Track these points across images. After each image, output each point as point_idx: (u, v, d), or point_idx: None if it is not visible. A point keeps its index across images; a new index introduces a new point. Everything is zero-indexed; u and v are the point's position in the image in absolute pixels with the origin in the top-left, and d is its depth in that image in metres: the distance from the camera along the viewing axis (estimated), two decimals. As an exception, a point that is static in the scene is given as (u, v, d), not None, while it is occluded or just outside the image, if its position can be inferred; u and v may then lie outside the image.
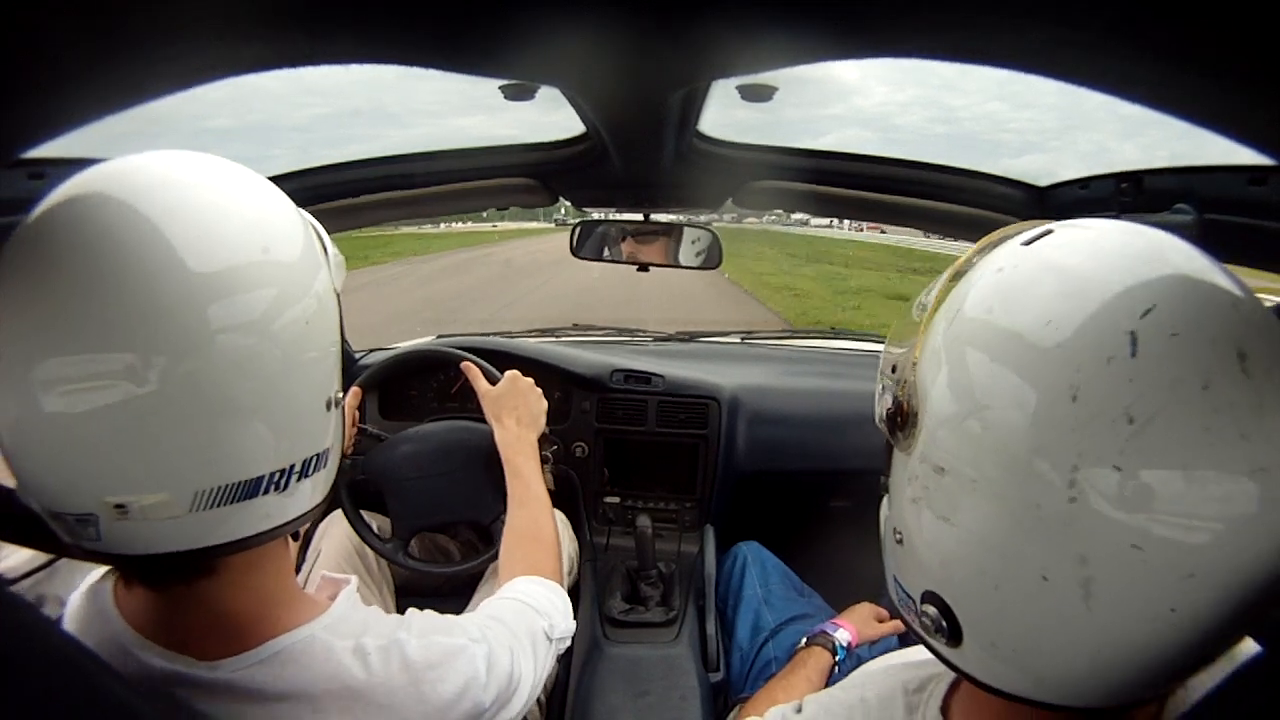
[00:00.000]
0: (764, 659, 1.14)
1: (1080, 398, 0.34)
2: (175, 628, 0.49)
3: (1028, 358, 0.36)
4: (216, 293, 0.43)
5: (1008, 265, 0.40)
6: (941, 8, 0.37)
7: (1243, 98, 0.36)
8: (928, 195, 1.04)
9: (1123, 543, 0.33)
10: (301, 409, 0.48)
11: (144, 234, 0.42)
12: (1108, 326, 0.34)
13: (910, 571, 0.44)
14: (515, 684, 0.63)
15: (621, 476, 1.57)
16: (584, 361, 1.57)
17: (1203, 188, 0.67)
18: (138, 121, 0.43)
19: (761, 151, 1.02)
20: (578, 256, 1.39)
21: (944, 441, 0.39)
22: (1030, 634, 0.37)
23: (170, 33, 0.36)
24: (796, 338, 1.97)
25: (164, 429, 0.42)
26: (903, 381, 0.43)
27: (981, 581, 0.38)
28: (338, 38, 0.43)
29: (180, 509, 0.43)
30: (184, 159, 0.47)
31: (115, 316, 0.40)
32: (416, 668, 0.54)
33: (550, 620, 0.74)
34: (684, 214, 1.44)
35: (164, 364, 0.41)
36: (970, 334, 0.39)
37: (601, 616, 1.25)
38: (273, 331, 0.45)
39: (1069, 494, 0.34)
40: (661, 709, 1.05)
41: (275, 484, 0.47)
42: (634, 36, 0.47)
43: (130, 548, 0.44)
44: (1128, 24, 0.33)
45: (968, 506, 0.38)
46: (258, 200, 0.48)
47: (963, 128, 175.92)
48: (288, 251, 0.47)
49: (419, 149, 1.09)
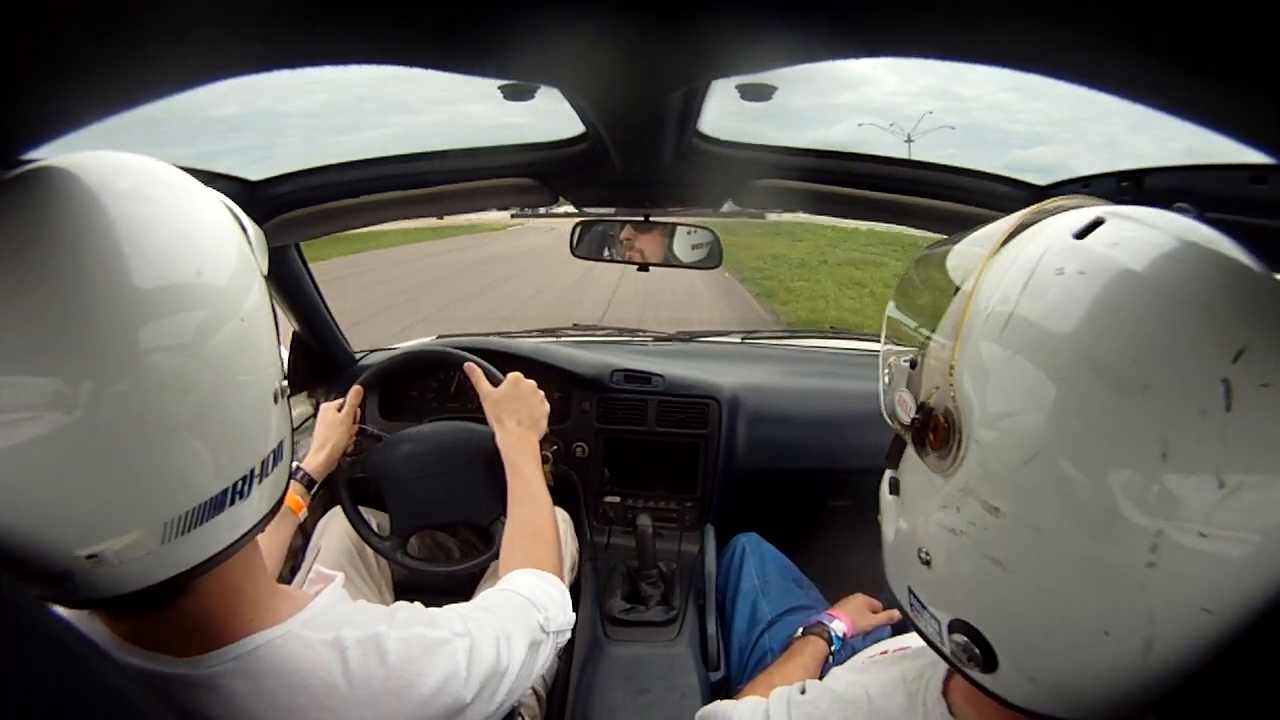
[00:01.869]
0: (760, 650, 1.14)
1: (1171, 455, 0.31)
2: (153, 634, 0.49)
3: (1111, 401, 0.32)
4: (150, 312, 0.40)
5: (1069, 268, 0.35)
6: (941, 8, 0.37)
7: (1243, 97, 0.36)
8: (927, 194, 1.04)
9: (1194, 605, 0.32)
10: (246, 416, 0.47)
11: (80, 244, 0.39)
12: (1200, 371, 0.31)
13: (938, 596, 0.41)
14: (502, 674, 0.62)
15: (622, 476, 1.57)
16: (584, 361, 1.57)
17: (1203, 186, 0.67)
18: (143, 109, 0.42)
19: (761, 151, 1.02)
20: (577, 256, 1.39)
21: (1003, 481, 0.35)
22: (1078, 674, 0.35)
23: (169, 34, 0.36)
24: (796, 337, 1.97)
25: (113, 466, 0.40)
26: (931, 386, 0.40)
27: (1033, 627, 0.36)
28: (337, 38, 0.43)
29: (153, 543, 0.42)
30: (126, 165, 0.45)
31: (42, 335, 0.37)
32: (394, 662, 0.53)
33: (546, 613, 0.73)
34: (685, 213, 1.44)
35: (91, 388, 0.38)
36: (1033, 356, 0.35)
37: (602, 615, 1.26)
38: (204, 353, 0.43)
39: (1149, 558, 0.31)
40: (662, 708, 1.05)
41: (239, 492, 0.46)
42: (633, 37, 0.47)
43: (110, 591, 0.43)
44: (1128, 24, 0.33)
45: (1029, 555, 0.35)
46: (196, 217, 0.46)
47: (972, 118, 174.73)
48: (220, 273, 0.45)
49: (426, 138, 1.09)
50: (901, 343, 0.46)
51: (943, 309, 0.42)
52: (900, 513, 0.44)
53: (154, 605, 0.47)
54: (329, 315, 1.51)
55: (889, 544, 0.46)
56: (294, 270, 1.37)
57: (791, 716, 0.55)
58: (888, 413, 0.45)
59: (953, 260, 0.45)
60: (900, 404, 0.42)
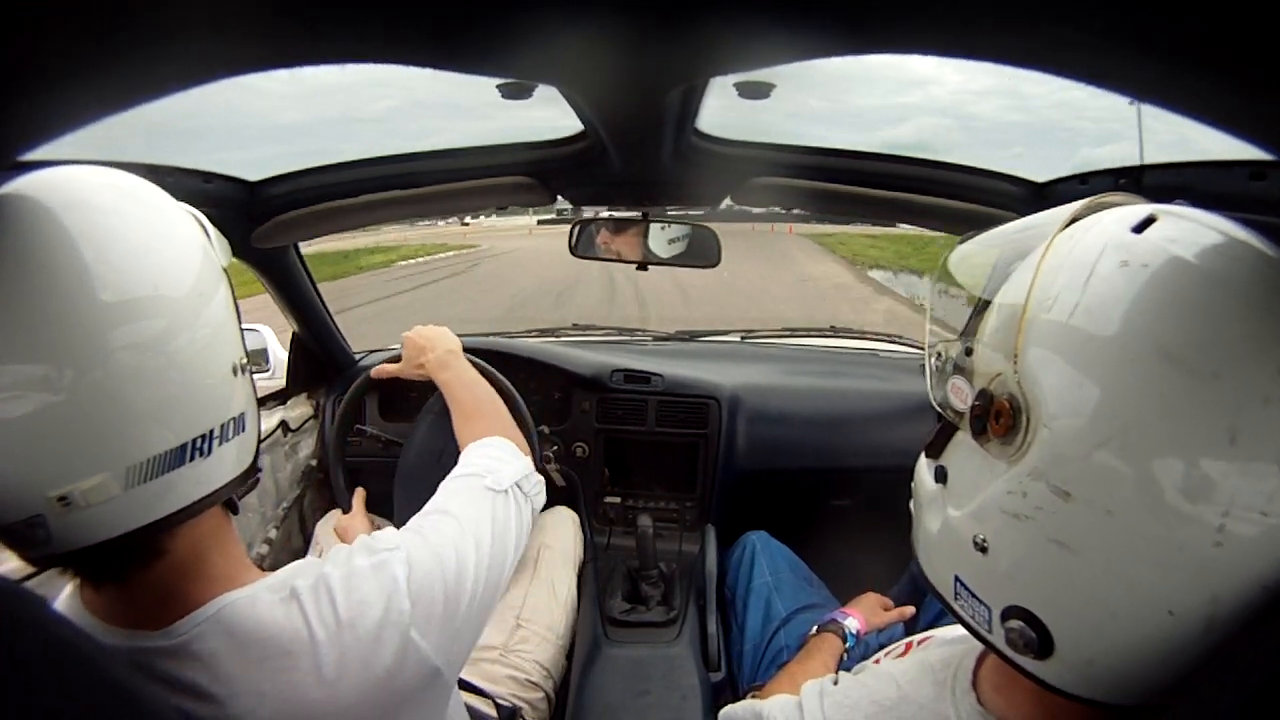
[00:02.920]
0: (775, 647, 1.15)
1: (1239, 440, 0.32)
2: (132, 606, 0.52)
3: (1185, 386, 0.33)
4: (117, 318, 0.46)
5: (1133, 260, 0.37)
6: (941, 5, 0.37)
7: (1242, 94, 0.36)
8: (926, 191, 1.04)
9: (1256, 584, 0.33)
10: (204, 385, 0.52)
11: (59, 256, 0.45)
12: (1264, 361, 0.33)
13: (992, 583, 0.41)
14: (459, 564, 0.62)
15: (622, 476, 1.57)
16: (584, 361, 1.56)
17: (1202, 183, 0.67)
18: (206, 117, 0.43)
19: (761, 149, 1.02)
20: (576, 255, 1.39)
21: (1074, 465, 0.36)
22: (1137, 655, 0.36)
23: (168, 33, 0.36)
24: (796, 336, 1.96)
25: (82, 422, 0.45)
26: (991, 373, 0.40)
27: (1097, 610, 0.37)
28: (335, 37, 0.43)
29: (117, 488, 0.46)
30: (101, 182, 0.50)
31: (38, 334, 0.44)
32: (341, 599, 0.55)
33: (493, 475, 0.73)
34: (685, 212, 1.43)
35: (72, 375, 0.44)
36: (1106, 345, 0.36)
37: (602, 616, 1.26)
38: (167, 349, 0.49)
39: (1216, 538, 0.33)
40: (662, 708, 1.05)
41: (199, 450, 0.51)
42: (631, 35, 0.47)
43: (81, 540, 0.46)
44: (1128, 22, 0.33)
45: (1097, 538, 0.36)
46: (160, 231, 0.51)
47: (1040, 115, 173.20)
48: (174, 286, 0.51)
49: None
50: (949, 331, 0.46)
51: (992, 297, 0.43)
52: (948, 501, 0.45)
53: (131, 568, 0.50)
54: (328, 316, 1.51)
55: (931, 534, 0.46)
56: (293, 271, 1.36)
57: (824, 706, 0.55)
58: (938, 401, 0.45)
59: (1000, 250, 0.46)
60: (955, 391, 0.43)
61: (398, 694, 0.56)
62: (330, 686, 0.52)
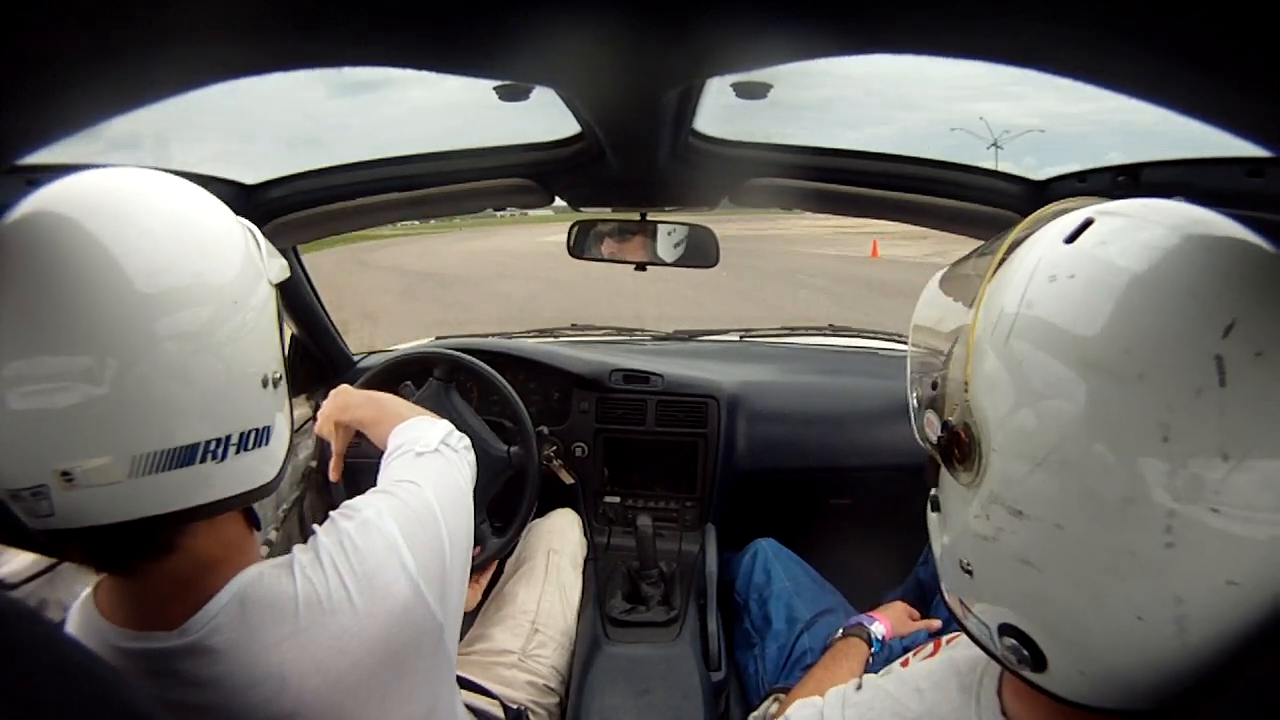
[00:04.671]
0: (800, 648, 1.15)
1: (1172, 437, 0.32)
2: (144, 606, 0.52)
3: (1109, 394, 0.33)
4: (158, 311, 0.47)
5: (1060, 273, 0.36)
6: (937, 4, 0.37)
7: (1240, 91, 0.36)
8: (924, 191, 1.04)
9: (1218, 580, 0.32)
10: (235, 385, 0.51)
11: (95, 255, 0.46)
12: (1191, 352, 0.32)
13: (983, 603, 0.42)
14: (432, 517, 0.63)
15: (621, 476, 1.57)
16: (583, 361, 1.56)
17: (1200, 180, 0.67)
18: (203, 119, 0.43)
19: (758, 149, 1.02)
20: (575, 256, 1.39)
21: (1021, 484, 0.36)
22: (1124, 663, 0.36)
23: (166, 36, 0.36)
24: (795, 335, 1.96)
25: (96, 398, 0.45)
26: (952, 404, 0.41)
27: (1070, 621, 0.37)
28: (332, 39, 0.43)
29: (120, 473, 0.46)
30: (139, 180, 0.51)
31: (73, 326, 0.45)
32: (344, 562, 0.55)
33: (420, 442, 0.73)
34: (682, 212, 1.43)
35: (117, 366, 0.45)
36: (1036, 363, 0.36)
37: (603, 616, 1.26)
38: (214, 342, 0.49)
39: (1166, 539, 0.32)
40: (663, 708, 1.05)
41: (212, 453, 0.49)
42: (628, 36, 0.47)
43: (83, 518, 0.46)
44: (1124, 19, 0.33)
45: (1055, 552, 0.36)
46: (199, 226, 0.52)
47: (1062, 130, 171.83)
48: (222, 273, 0.51)
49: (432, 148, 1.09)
50: (925, 365, 0.47)
51: (957, 328, 0.43)
52: (943, 528, 0.46)
53: (138, 560, 0.50)
54: (327, 318, 1.51)
55: (938, 559, 0.47)
56: (291, 273, 1.36)
57: (845, 715, 0.55)
58: (919, 436, 0.46)
59: (962, 280, 0.46)
60: (929, 425, 0.43)
61: (411, 654, 0.56)
62: (348, 653, 0.53)
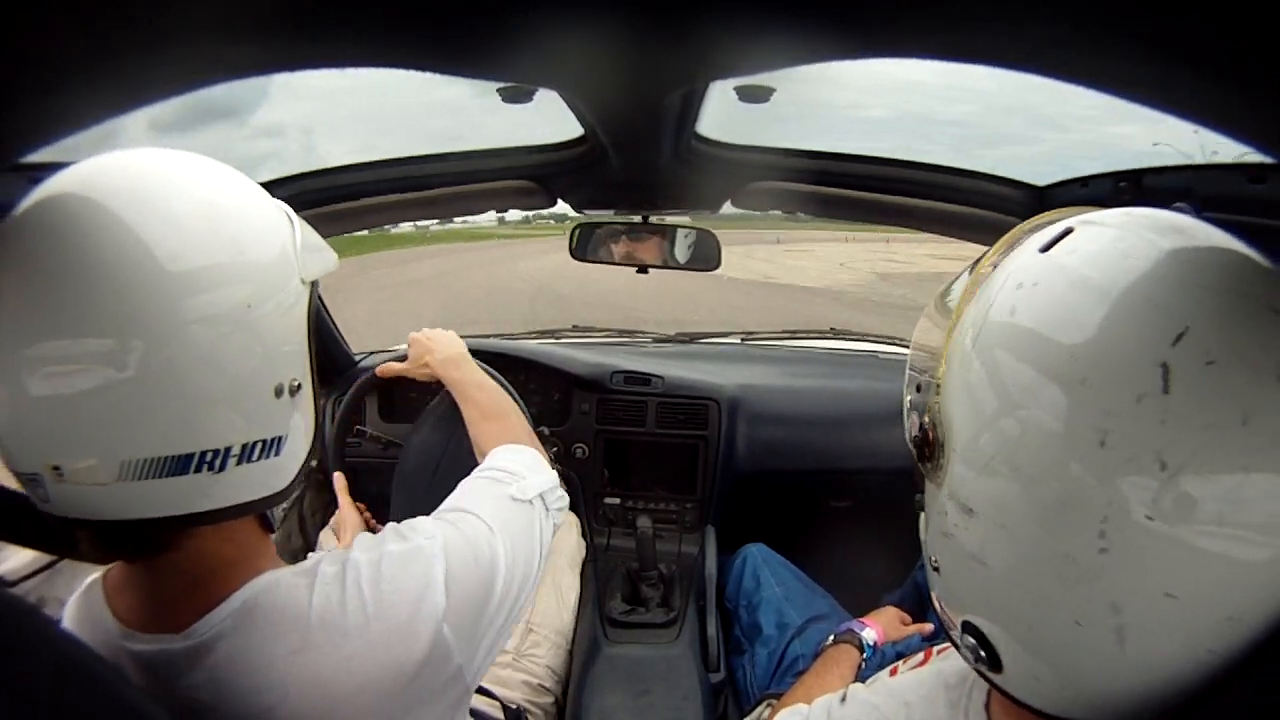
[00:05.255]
0: (791, 655, 1.15)
1: (1109, 442, 0.31)
2: (150, 605, 0.50)
3: (1051, 397, 0.33)
4: (188, 289, 0.45)
5: (1026, 280, 0.37)
6: (939, 7, 0.37)
7: (1241, 96, 0.36)
8: (927, 195, 1.04)
9: (1155, 591, 0.32)
10: (240, 394, 0.48)
11: (118, 233, 0.44)
12: (1136, 359, 0.31)
13: (949, 600, 0.43)
14: (491, 565, 0.60)
15: (622, 477, 1.57)
16: (583, 363, 1.57)
17: (1202, 186, 0.67)
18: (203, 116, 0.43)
19: (760, 152, 1.02)
20: (577, 258, 1.39)
21: (971, 483, 0.37)
22: (1070, 670, 0.36)
23: (169, 36, 0.36)
24: (796, 338, 1.97)
25: (89, 399, 0.44)
26: (928, 406, 0.42)
27: (1017, 622, 0.37)
28: (335, 40, 0.43)
29: (107, 476, 0.44)
30: (168, 158, 0.48)
31: (93, 307, 0.43)
32: (370, 587, 0.53)
33: (518, 483, 0.70)
34: (685, 215, 1.44)
35: (141, 349, 0.43)
36: (992, 366, 0.37)
37: (602, 617, 1.25)
38: (247, 322, 0.47)
39: (1099, 544, 0.32)
40: (662, 709, 1.05)
41: (208, 464, 0.47)
42: (631, 39, 0.47)
43: (75, 511, 0.46)
44: (1126, 23, 0.33)
45: (999, 551, 0.36)
46: (235, 199, 0.50)
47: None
48: (263, 250, 0.49)
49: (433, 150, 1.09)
50: (919, 371, 0.47)
51: (942, 335, 0.44)
52: (924, 526, 0.46)
53: (140, 552, 0.49)
54: (328, 316, 1.51)
55: (923, 558, 0.48)
56: None
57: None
58: (907, 437, 0.46)
59: (954, 288, 0.47)
60: (912, 425, 0.44)
61: (421, 690, 0.54)
62: (355, 675, 0.50)
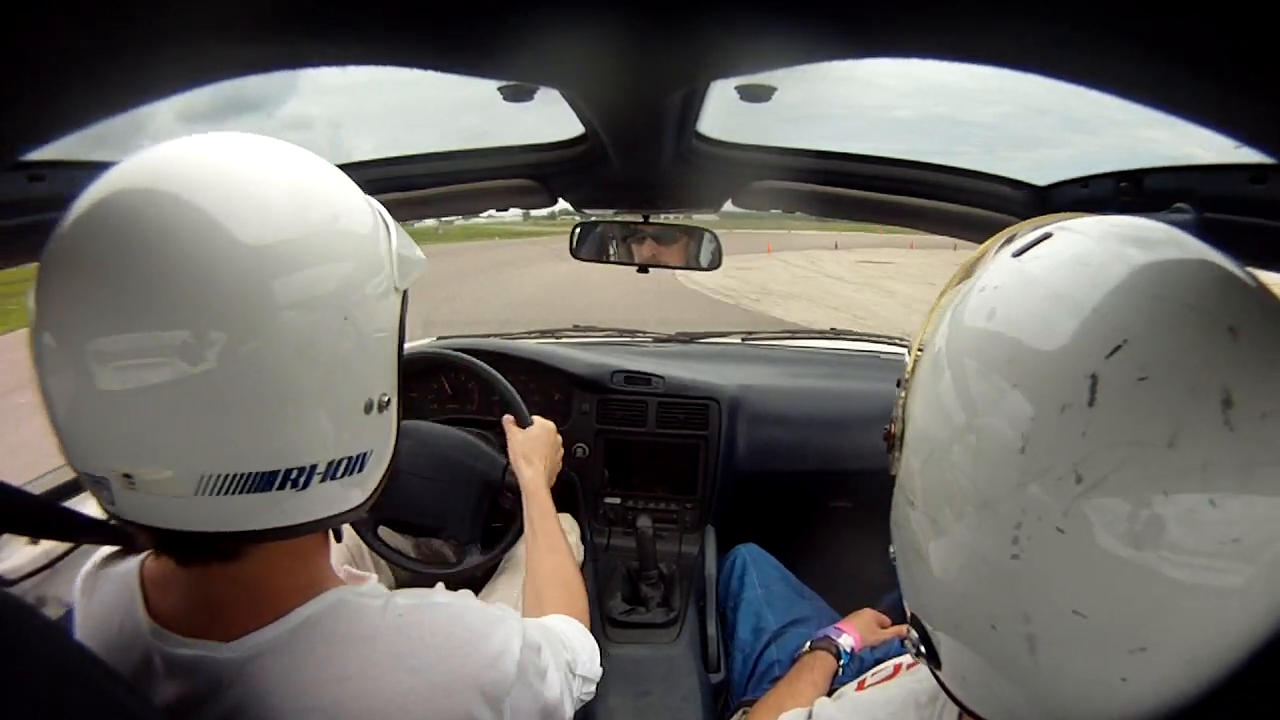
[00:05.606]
0: (766, 661, 1.13)
1: (1029, 450, 0.31)
2: (198, 609, 0.48)
3: (989, 400, 0.33)
4: (278, 267, 0.42)
5: (990, 284, 0.37)
6: (940, 7, 0.37)
7: (1242, 96, 0.36)
8: (928, 195, 1.04)
9: (1064, 606, 0.31)
10: (331, 410, 0.46)
11: (188, 212, 0.41)
12: (1068, 368, 0.31)
13: (903, 593, 0.43)
14: (542, 673, 0.59)
15: (622, 477, 1.57)
16: (584, 362, 1.57)
17: (1203, 186, 0.67)
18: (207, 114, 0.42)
19: (761, 152, 1.02)
20: (577, 257, 1.39)
21: (913, 476, 0.38)
22: (990, 673, 0.36)
23: (169, 34, 0.36)
24: (797, 338, 1.96)
25: (176, 411, 0.41)
26: (899, 400, 0.42)
27: (944, 617, 0.38)
28: (337, 39, 0.43)
29: (185, 489, 0.42)
30: (246, 142, 0.46)
31: (167, 295, 0.40)
32: (447, 628, 0.52)
33: (574, 655, 0.70)
34: (686, 215, 1.44)
35: (223, 341, 0.40)
36: (939, 366, 0.37)
37: (602, 617, 1.25)
38: (346, 307, 0.45)
39: (1012, 550, 0.32)
40: (662, 710, 1.05)
41: (292, 481, 0.45)
42: (632, 38, 0.47)
43: (141, 518, 0.44)
44: (1127, 23, 0.33)
45: (930, 546, 0.37)
46: (314, 173, 0.47)
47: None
48: (359, 222, 0.47)
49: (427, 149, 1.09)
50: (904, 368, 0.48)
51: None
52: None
53: (195, 559, 0.47)
54: None
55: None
56: None
57: None
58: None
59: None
60: (893, 423, 0.45)
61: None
62: (409, 715, 0.48)
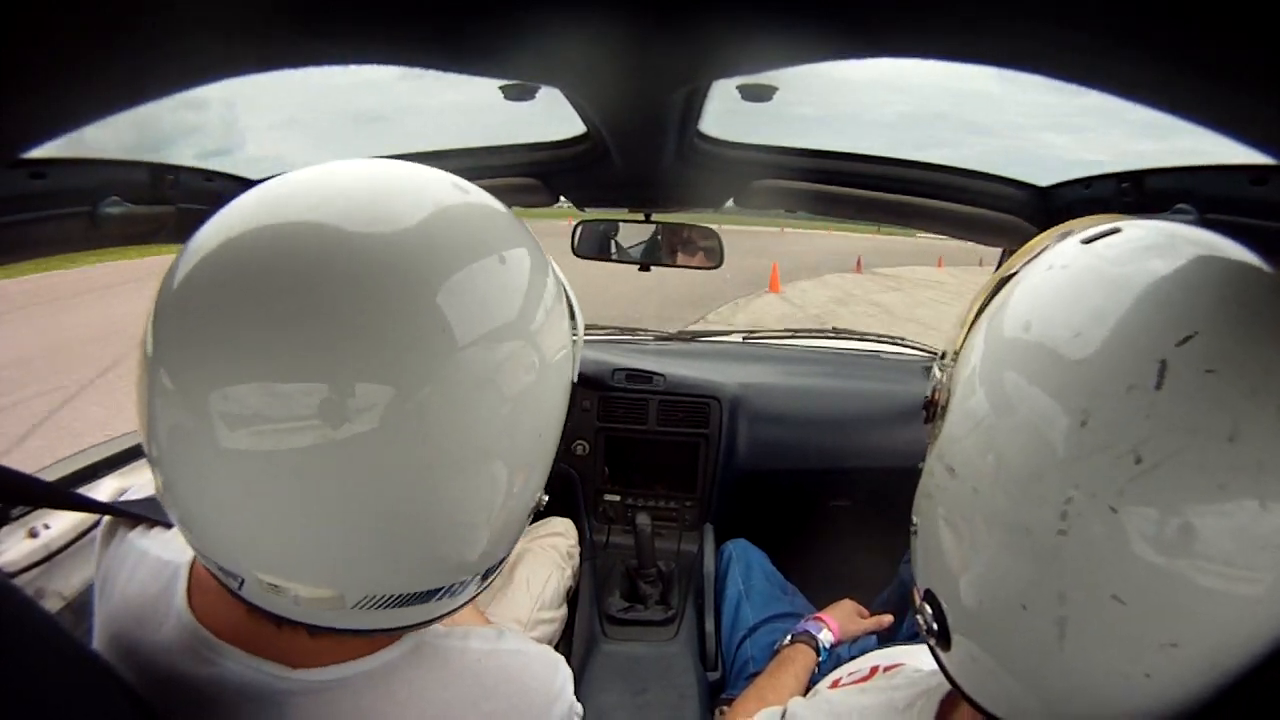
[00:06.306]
0: (742, 657, 1.14)
1: (1090, 424, 0.31)
2: (266, 635, 0.44)
3: (1047, 371, 0.33)
4: (464, 309, 0.36)
5: (1058, 264, 0.37)
6: (942, 8, 0.37)
7: (1243, 98, 0.36)
8: (929, 195, 1.04)
9: (1104, 590, 0.31)
10: (505, 524, 0.43)
11: (362, 251, 0.35)
12: (1137, 350, 0.31)
13: (918, 565, 0.43)
14: (580, 715, 0.63)
15: (622, 475, 1.57)
16: (585, 360, 1.56)
17: (1204, 188, 0.67)
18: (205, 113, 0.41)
19: (763, 151, 1.02)
20: (579, 256, 1.39)
21: (958, 442, 0.38)
22: (1006, 657, 0.36)
23: (170, 33, 0.36)
24: (798, 337, 1.97)
25: (362, 526, 0.35)
26: (945, 370, 0.42)
27: (969, 593, 0.37)
28: (339, 38, 0.43)
29: (344, 605, 0.38)
30: (377, 167, 0.42)
31: (332, 340, 0.33)
32: (518, 675, 0.52)
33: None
34: (687, 214, 1.43)
35: (389, 397, 0.33)
36: (1002, 335, 0.37)
37: (600, 614, 1.26)
38: (551, 364, 0.41)
39: (1059, 525, 0.31)
40: (659, 707, 1.06)
41: (449, 592, 0.42)
42: (634, 37, 0.47)
43: (277, 612, 0.39)
44: (1129, 25, 0.33)
45: (968, 516, 0.36)
46: (483, 212, 0.43)
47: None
48: (529, 262, 0.41)
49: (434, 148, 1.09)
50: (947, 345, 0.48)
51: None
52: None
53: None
54: None
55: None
56: None
57: None
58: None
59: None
60: (936, 391, 0.45)
61: None
62: None
